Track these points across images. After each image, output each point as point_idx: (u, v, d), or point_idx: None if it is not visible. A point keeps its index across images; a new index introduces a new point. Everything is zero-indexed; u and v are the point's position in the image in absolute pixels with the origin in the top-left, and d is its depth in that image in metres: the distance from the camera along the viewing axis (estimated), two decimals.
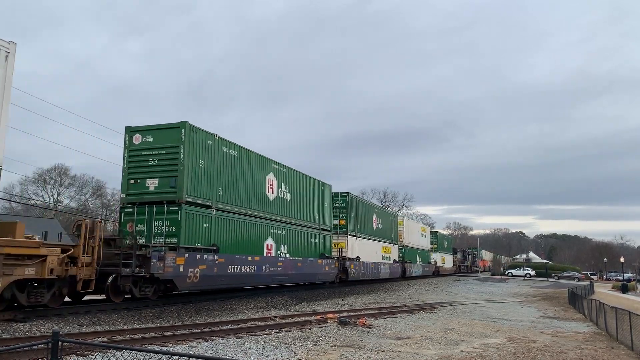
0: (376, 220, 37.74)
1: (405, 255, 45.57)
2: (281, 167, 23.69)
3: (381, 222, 38.96)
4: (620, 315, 15.80)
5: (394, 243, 42.23)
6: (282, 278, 23.18)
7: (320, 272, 27.04)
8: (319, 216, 27.54)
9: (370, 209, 37.08)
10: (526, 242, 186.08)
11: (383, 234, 39.07)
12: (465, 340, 14.27)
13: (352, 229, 32.23)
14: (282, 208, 23.36)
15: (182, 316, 16.30)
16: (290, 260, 23.60)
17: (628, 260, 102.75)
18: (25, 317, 12.55)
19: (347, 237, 31.30)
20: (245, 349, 11.06)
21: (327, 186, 29.51)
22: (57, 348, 4.77)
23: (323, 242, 27.93)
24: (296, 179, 25.28)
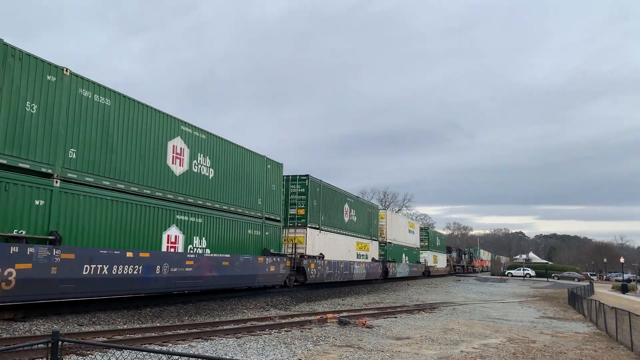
0: (348, 212, 32.40)
1: (388, 253, 40.89)
2: (198, 133, 17.78)
3: (355, 214, 33.72)
4: (620, 316, 15.79)
5: (373, 239, 37.07)
6: (196, 282, 16.96)
7: (263, 273, 21.11)
8: (262, 202, 21.81)
9: (340, 197, 31.30)
10: (526, 242, 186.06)
11: (358, 228, 33.91)
12: (465, 341, 14.27)
13: (314, 220, 26.75)
14: (197, 187, 17.54)
15: (181, 316, 16.30)
16: (210, 259, 17.58)
17: (628, 261, 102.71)
18: (25, 317, 12.55)
19: (306, 230, 25.67)
20: (245, 348, 11.06)
21: (276, 165, 23.50)
22: (57, 348, 4.78)
23: (269, 234, 22.27)
24: (224, 150, 19.36)
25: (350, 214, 32.79)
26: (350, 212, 32.83)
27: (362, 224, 34.87)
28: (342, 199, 31.46)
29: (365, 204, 36.84)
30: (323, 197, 28.18)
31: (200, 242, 17.61)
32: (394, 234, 43.20)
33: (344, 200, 31.77)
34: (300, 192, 26.27)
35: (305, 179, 26.43)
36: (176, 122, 16.68)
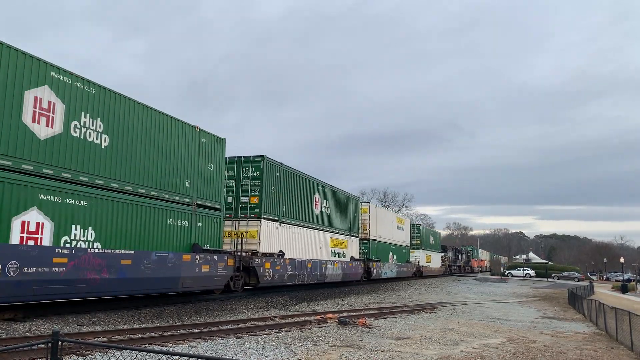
0: (320, 202, 27.70)
1: (372, 251, 36.70)
2: (82, 84, 13.38)
3: (329, 206, 29.17)
4: (620, 316, 15.79)
5: (352, 235, 32.84)
6: (73, 288, 12.12)
7: (190, 275, 16.27)
8: (192, 184, 17.39)
9: (309, 185, 26.57)
10: (526, 242, 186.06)
11: (332, 222, 29.46)
12: (465, 341, 14.27)
13: (272, 210, 22.37)
14: (79, 157, 13.03)
15: (181, 316, 16.30)
16: (99, 256, 12.84)
17: (628, 261, 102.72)
18: (25, 317, 12.55)
19: (260, 221, 21.27)
20: (245, 348, 11.06)
21: (216, 140, 18.98)
22: (57, 348, 4.78)
23: (202, 226, 17.83)
24: (128, 112, 14.84)
25: (323, 206, 28.15)
26: (323, 203, 28.17)
27: (339, 217, 30.50)
28: (311, 187, 26.76)
29: (342, 195, 31.88)
30: (285, 184, 23.70)
31: (84, 234, 13.03)
32: (379, 230, 38.94)
33: (313, 188, 27.06)
34: (255, 177, 21.83)
35: (260, 160, 22.03)
36: (43, 67, 12.29)
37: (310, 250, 25.98)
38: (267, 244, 21.75)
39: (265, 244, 21.63)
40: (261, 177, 21.77)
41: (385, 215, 43.03)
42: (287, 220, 23.86)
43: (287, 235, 23.78)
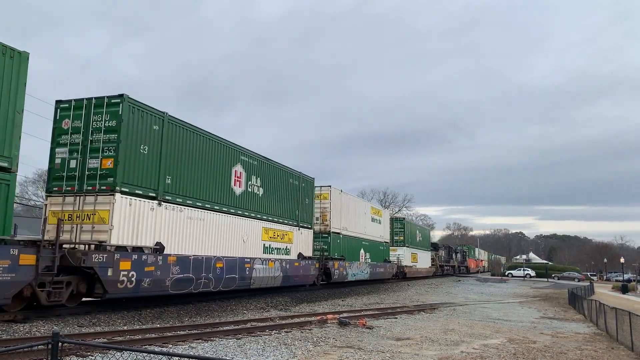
0: (243, 179, 20.56)
1: (334, 247, 29.75)
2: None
3: (263, 185, 22.16)
4: (620, 316, 15.79)
5: (302, 226, 26.03)
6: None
7: None
8: None
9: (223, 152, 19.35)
10: (526, 242, 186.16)
11: (268, 207, 22.55)
12: (465, 341, 14.27)
13: (140, 181, 15.31)
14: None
15: (182, 317, 16.30)
16: None
17: (628, 261, 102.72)
18: (25, 318, 12.54)
19: (114, 197, 14.19)
20: (245, 349, 11.06)
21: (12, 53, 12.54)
22: (57, 349, 4.78)
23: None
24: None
25: (251, 184, 21.10)
26: (251, 181, 21.14)
27: (280, 202, 23.62)
28: (228, 155, 19.65)
29: (286, 173, 24.50)
30: (172, 144, 16.63)
31: None
32: (346, 221, 31.94)
33: (232, 158, 19.92)
34: (110, 129, 14.77)
35: (117, 102, 14.80)
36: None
37: (224, 244, 18.84)
38: (129, 233, 14.68)
39: (125, 231, 14.53)
40: (118, 129, 14.55)
41: (354, 204, 34.61)
42: (174, 199, 16.58)
43: (176, 220, 16.47)
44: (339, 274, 30.10)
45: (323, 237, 29.47)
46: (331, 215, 29.88)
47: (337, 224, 30.85)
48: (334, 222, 30.21)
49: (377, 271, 37.62)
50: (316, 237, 28.74)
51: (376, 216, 39.36)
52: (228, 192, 19.71)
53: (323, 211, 29.74)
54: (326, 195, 29.98)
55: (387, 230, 42.29)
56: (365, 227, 36.34)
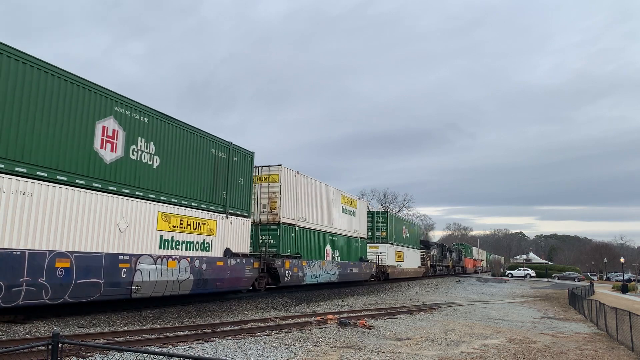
0: (118, 140, 14.65)
1: (287, 243, 23.93)
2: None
3: (157, 150, 16.22)
4: (620, 316, 15.79)
5: (232, 214, 20.09)
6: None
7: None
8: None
9: (75, 93, 13.13)
10: (526, 242, 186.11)
11: (169, 182, 16.66)
12: (465, 341, 14.27)
13: None
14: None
15: (182, 317, 16.30)
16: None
17: (628, 261, 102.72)
18: (25, 319, 12.55)
19: None
20: (245, 350, 11.06)
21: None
22: (57, 349, 4.78)
23: None
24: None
25: (135, 148, 15.22)
26: (135, 144, 15.23)
27: (193, 178, 17.85)
28: (91, 103, 13.64)
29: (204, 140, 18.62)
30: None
31: None
32: (304, 211, 26.03)
33: (99, 107, 13.89)
34: None
35: None
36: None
37: (76, 234, 12.91)
38: None
39: None
40: None
41: (317, 190, 27.97)
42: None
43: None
44: (292, 275, 23.71)
45: (272, 229, 23.47)
46: (282, 202, 23.75)
47: (291, 213, 24.68)
48: (285, 211, 24.08)
49: (349, 272, 31.49)
50: (263, 229, 23.47)
51: (349, 207, 32.88)
52: (88, 156, 13.51)
53: (272, 197, 23.71)
54: (276, 177, 23.80)
55: (363, 224, 36.19)
56: (334, 219, 30.13)
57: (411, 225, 52.31)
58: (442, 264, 65.92)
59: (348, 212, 32.89)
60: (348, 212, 32.89)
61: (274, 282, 22.88)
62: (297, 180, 25.65)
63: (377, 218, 42.39)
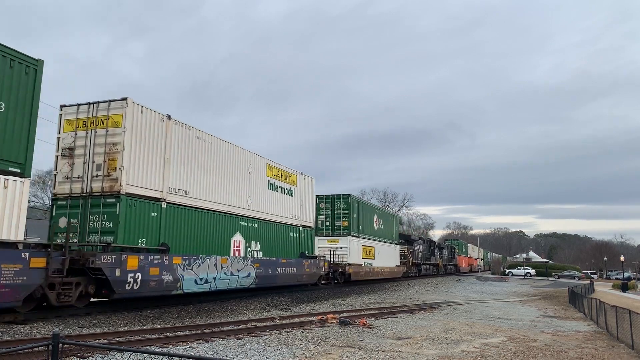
0: None
1: (144, 228, 15.51)
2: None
3: None
4: (620, 314, 15.79)
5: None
6: None
7: None
8: None
9: None
10: (526, 241, 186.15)
11: None
12: (465, 340, 14.27)
13: None
14: None
15: (182, 317, 16.30)
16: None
17: (628, 259, 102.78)
18: (26, 319, 12.55)
19: None
20: (246, 349, 11.06)
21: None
22: (58, 350, 4.78)
23: None
24: None
25: None
26: None
27: None
28: None
29: None
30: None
31: None
32: (185, 178, 17.65)
33: None
34: None
35: None
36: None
37: None
38: None
39: None
40: None
41: (214, 150, 19.46)
42: None
43: None
44: (145, 280, 14.98)
45: (107, 204, 14.78)
46: (126, 160, 14.94)
47: (151, 179, 15.97)
48: (136, 175, 15.35)
49: (278, 273, 23.01)
50: (95, 204, 14.87)
51: (282, 182, 24.22)
52: None
53: (111, 151, 15.05)
54: (117, 118, 15.16)
55: (309, 209, 27.42)
56: (251, 198, 21.48)
57: (387, 215, 42.91)
58: (430, 263, 57.61)
59: (281, 190, 24.21)
60: (281, 190, 24.21)
61: (104, 292, 14.25)
62: (169, 129, 16.81)
63: (337, 203, 33.04)
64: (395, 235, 44.63)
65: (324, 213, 32.93)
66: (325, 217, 32.60)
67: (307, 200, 27.57)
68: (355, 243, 33.70)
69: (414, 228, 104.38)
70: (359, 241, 34.40)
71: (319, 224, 32.19)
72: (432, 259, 59.35)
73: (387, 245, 41.00)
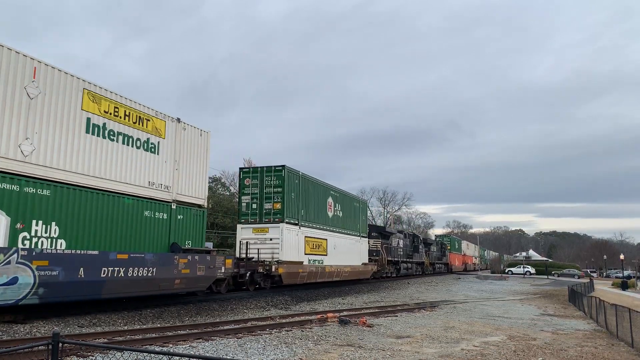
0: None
1: None
2: None
3: None
4: (620, 313, 15.80)
5: None
6: None
7: None
8: None
9: None
10: (526, 240, 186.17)
11: None
12: (465, 339, 14.28)
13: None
14: None
15: (182, 316, 16.31)
16: None
17: (628, 258, 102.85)
18: (26, 319, 12.55)
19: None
20: (246, 348, 11.07)
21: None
22: (58, 349, 4.78)
23: None
24: None
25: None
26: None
27: None
28: None
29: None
30: None
31: None
32: None
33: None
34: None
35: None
36: None
37: None
38: None
39: None
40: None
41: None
42: None
43: None
44: None
45: None
46: None
47: None
48: None
49: (106, 277, 13.62)
50: None
51: (129, 127, 15.71)
52: None
53: None
54: None
55: (197, 177, 18.77)
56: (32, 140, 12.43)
57: (348, 199, 31.91)
58: (412, 261, 48.48)
59: (125, 139, 15.48)
60: (125, 139, 15.48)
61: None
62: None
63: (268, 179, 23.90)
64: (362, 225, 34.62)
65: (249, 192, 24.10)
66: (251, 197, 23.98)
67: (192, 163, 18.54)
68: (294, 233, 24.12)
69: (413, 227, 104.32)
70: (300, 231, 24.80)
71: (244, 207, 24.00)
72: (416, 256, 50.30)
73: (347, 238, 31.12)
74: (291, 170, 24.48)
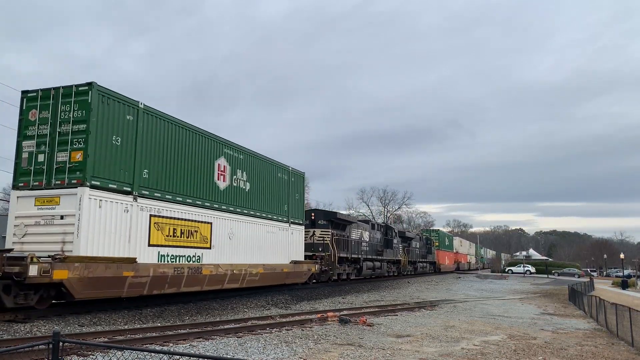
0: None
1: None
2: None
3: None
4: (620, 312, 15.81)
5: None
6: None
7: None
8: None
9: None
10: (526, 239, 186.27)
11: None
12: (465, 338, 14.29)
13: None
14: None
15: (182, 316, 16.31)
16: None
17: (628, 257, 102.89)
18: (26, 318, 12.56)
19: None
20: (246, 347, 11.07)
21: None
22: (58, 348, 4.78)
23: None
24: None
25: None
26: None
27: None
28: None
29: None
30: None
31: None
32: None
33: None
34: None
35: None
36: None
37: None
38: None
39: None
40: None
41: None
42: None
43: None
44: None
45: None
46: None
47: None
48: None
49: None
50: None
51: None
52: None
53: None
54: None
55: None
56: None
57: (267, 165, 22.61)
58: (383, 259, 38.87)
59: None
60: None
61: None
62: None
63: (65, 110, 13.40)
64: (294, 207, 24.96)
65: (35, 133, 13.77)
66: (37, 142, 13.73)
67: None
68: (116, 207, 13.86)
69: (414, 226, 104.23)
70: (137, 205, 14.60)
71: (25, 159, 13.79)
72: (388, 253, 40.35)
73: (261, 224, 21.65)
74: (110, 92, 13.78)
